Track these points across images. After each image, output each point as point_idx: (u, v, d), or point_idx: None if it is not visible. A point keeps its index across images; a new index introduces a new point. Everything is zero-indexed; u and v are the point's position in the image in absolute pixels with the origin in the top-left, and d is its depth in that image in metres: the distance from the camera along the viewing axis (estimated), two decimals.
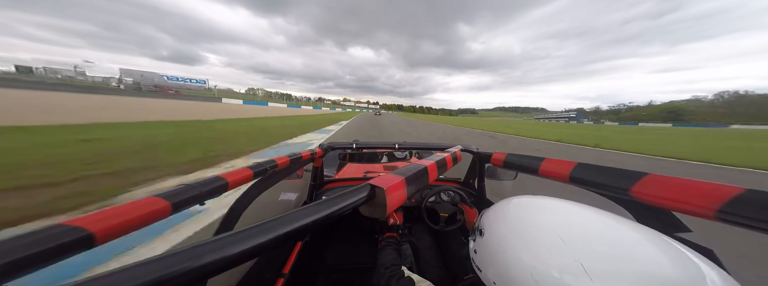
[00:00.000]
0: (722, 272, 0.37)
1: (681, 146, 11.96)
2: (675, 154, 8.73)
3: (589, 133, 20.38)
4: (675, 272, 0.36)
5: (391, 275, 0.74)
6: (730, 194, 0.41)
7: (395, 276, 0.72)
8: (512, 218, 0.53)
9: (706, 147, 11.65)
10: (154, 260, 0.27)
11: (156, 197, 0.47)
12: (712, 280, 0.35)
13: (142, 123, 9.54)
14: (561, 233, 0.43)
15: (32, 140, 5.15)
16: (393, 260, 0.85)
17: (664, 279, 0.35)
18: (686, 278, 0.35)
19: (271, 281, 1.03)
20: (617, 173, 0.60)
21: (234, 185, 0.66)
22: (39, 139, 5.33)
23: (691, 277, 0.35)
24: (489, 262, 0.51)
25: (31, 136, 5.55)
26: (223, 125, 11.13)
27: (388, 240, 1.01)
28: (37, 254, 0.31)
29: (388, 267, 0.79)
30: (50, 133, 6.03)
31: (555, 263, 0.39)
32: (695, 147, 11.47)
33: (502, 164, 1.06)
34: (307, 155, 1.11)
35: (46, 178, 3.18)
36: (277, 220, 0.37)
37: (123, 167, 3.86)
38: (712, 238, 1.12)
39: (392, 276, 0.72)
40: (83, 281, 0.23)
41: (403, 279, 0.69)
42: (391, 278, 0.72)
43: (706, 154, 9.08)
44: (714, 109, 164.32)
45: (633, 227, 0.44)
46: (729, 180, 3.56)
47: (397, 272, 0.74)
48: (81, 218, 0.37)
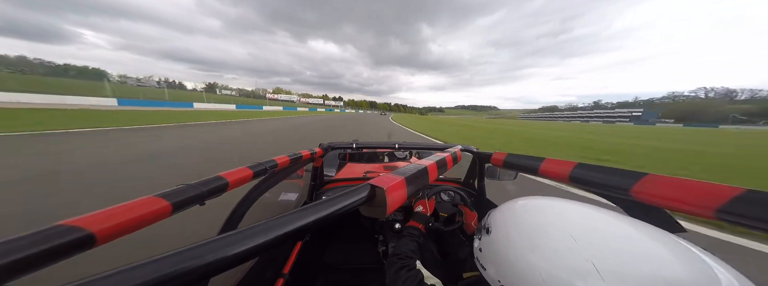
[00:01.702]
0: (734, 270, 0.37)
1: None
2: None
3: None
4: (687, 272, 0.35)
5: (403, 265, 0.72)
6: (730, 194, 0.41)
7: (406, 267, 0.71)
8: (521, 217, 0.53)
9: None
10: (155, 260, 0.27)
11: (156, 197, 0.47)
12: (727, 280, 0.35)
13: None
14: (572, 233, 0.43)
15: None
16: (409, 251, 0.81)
17: (676, 280, 0.34)
18: (699, 278, 0.35)
19: (271, 281, 1.03)
20: (617, 172, 0.61)
21: (234, 185, 0.66)
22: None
23: (704, 276, 0.35)
24: (495, 260, 0.51)
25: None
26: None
27: (410, 230, 0.94)
28: (37, 254, 0.31)
29: (403, 257, 0.76)
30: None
31: (565, 264, 0.39)
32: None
33: (502, 164, 1.06)
34: (307, 155, 1.11)
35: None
36: (277, 220, 0.37)
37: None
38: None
39: (403, 267, 0.71)
40: (83, 282, 0.23)
41: (413, 271, 0.69)
42: (402, 268, 0.71)
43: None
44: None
45: (642, 226, 0.44)
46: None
47: (409, 264, 0.73)
48: (81, 218, 0.37)
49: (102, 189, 3.40)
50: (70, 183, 3.53)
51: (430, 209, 1.13)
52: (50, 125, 8.86)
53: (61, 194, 3.12)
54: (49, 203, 2.89)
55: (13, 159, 4.63)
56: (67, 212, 2.63)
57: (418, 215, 1.06)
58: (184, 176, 4.25)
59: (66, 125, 9.17)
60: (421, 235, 0.94)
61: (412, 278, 0.66)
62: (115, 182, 3.68)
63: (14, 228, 2.40)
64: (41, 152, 5.32)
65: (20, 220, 2.50)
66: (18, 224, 2.44)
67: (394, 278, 0.70)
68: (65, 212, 2.68)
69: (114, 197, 3.16)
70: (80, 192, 3.24)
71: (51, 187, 3.35)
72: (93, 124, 10.08)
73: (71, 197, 3.08)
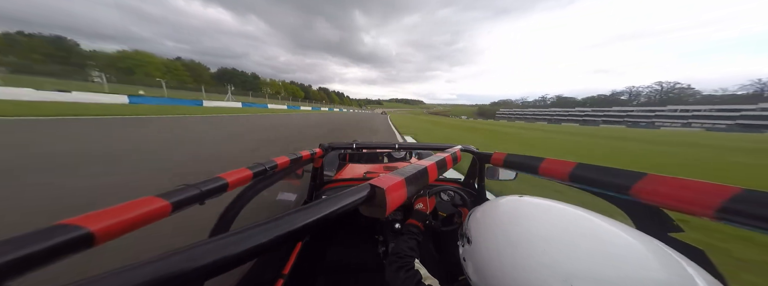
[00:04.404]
0: (711, 278, 0.38)
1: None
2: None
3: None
4: (663, 276, 0.36)
5: (402, 265, 0.72)
6: (730, 194, 0.41)
7: (405, 267, 0.70)
8: (499, 226, 0.53)
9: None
10: (151, 262, 0.26)
11: (156, 197, 0.47)
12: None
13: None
14: (550, 245, 0.43)
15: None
16: (409, 250, 0.80)
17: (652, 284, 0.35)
18: (675, 281, 0.35)
19: (270, 282, 1.03)
20: (617, 172, 0.61)
21: (234, 185, 0.66)
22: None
23: (680, 280, 0.36)
24: (477, 272, 0.51)
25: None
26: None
27: (409, 228, 0.94)
28: (37, 253, 0.31)
29: (402, 256, 0.76)
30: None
31: (544, 279, 0.39)
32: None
33: (502, 164, 1.06)
34: (307, 155, 1.11)
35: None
36: (277, 220, 0.37)
37: None
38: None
39: (402, 267, 0.71)
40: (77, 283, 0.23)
41: (412, 271, 0.68)
42: (401, 268, 0.70)
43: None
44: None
45: (624, 232, 0.44)
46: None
47: (408, 264, 0.72)
48: (80, 218, 0.37)
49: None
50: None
51: (430, 207, 1.13)
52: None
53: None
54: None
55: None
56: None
57: (417, 212, 1.06)
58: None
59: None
60: (420, 233, 0.93)
61: (410, 278, 0.66)
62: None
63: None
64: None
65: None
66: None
67: (394, 278, 0.69)
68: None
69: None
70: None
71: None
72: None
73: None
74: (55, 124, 7.52)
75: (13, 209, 2.40)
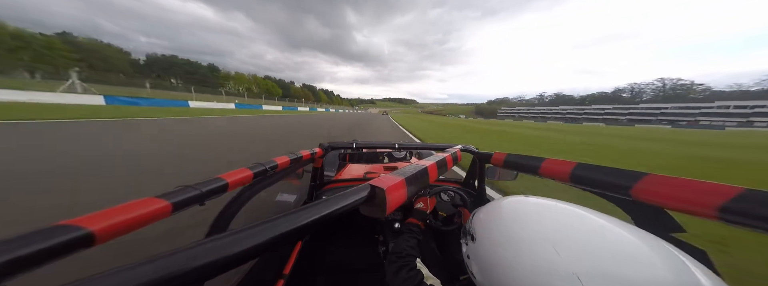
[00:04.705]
0: (716, 277, 0.38)
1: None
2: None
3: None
4: (669, 276, 0.36)
5: (403, 264, 0.71)
6: (731, 194, 0.41)
7: (406, 267, 0.70)
8: (504, 225, 0.53)
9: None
10: (151, 261, 0.26)
11: (156, 198, 0.47)
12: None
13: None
14: (555, 244, 0.43)
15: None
16: (410, 249, 0.79)
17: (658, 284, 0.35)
18: (680, 281, 0.35)
19: (271, 282, 1.03)
20: (617, 172, 0.61)
21: (234, 186, 0.66)
22: None
23: (685, 280, 0.36)
24: (481, 270, 0.51)
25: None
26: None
27: (410, 227, 0.93)
28: (37, 253, 0.31)
29: (403, 256, 0.75)
30: None
31: (550, 278, 0.39)
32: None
33: (502, 164, 1.05)
34: (307, 155, 1.11)
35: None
36: (277, 220, 0.37)
37: None
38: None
39: (403, 266, 0.70)
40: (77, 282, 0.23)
41: (413, 271, 0.68)
42: (402, 268, 0.70)
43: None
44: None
45: (628, 231, 0.44)
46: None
47: (409, 263, 0.72)
48: (81, 218, 0.37)
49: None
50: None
51: (431, 206, 1.13)
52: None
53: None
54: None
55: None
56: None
57: (417, 212, 1.05)
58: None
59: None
60: (420, 232, 0.93)
61: (412, 278, 0.65)
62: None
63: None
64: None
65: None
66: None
67: (395, 277, 0.69)
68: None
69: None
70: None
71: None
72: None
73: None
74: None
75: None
